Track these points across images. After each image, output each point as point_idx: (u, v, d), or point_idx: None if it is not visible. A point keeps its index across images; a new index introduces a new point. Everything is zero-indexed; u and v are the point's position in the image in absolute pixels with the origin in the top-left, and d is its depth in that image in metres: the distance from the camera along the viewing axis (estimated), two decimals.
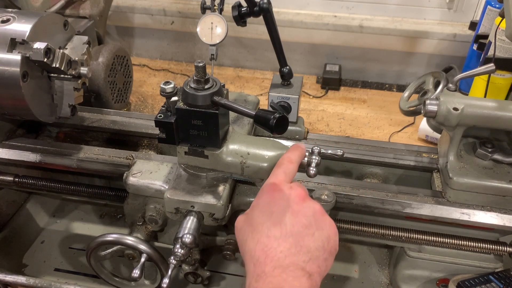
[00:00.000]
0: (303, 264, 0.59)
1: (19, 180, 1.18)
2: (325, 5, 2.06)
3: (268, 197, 0.67)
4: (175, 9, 2.14)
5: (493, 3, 1.68)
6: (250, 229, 0.64)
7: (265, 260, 0.59)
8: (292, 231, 0.62)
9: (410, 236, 1.04)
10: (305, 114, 1.89)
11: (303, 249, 0.60)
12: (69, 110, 1.05)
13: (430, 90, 1.09)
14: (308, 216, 0.64)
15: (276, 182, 0.69)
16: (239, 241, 0.67)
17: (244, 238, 0.65)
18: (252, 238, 0.63)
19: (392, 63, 2.08)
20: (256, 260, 0.60)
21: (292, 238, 0.61)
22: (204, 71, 0.78)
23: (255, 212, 0.66)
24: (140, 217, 1.06)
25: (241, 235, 0.66)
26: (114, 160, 1.10)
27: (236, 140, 0.89)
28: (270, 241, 0.61)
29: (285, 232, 0.62)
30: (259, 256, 0.60)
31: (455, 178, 0.99)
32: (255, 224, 0.64)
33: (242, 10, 1.09)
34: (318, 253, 0.61)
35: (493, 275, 1.03)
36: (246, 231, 0.65)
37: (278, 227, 0.62)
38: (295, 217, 0.63)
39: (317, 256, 0.61)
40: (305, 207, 0.65)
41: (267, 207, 0.65)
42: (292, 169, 0.74)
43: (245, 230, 0.65)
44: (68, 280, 1.22)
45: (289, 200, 0.66)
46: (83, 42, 1.03)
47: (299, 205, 0.65)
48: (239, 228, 0.68)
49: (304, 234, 0.62)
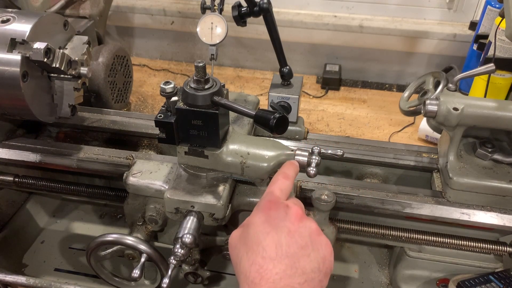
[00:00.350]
0: (298, 287, 0.58)
1: (19, 180, 1.18)
2: (325, 5, 2.06)
3: (264, 216, 0.65)
4: (175, 9, 2.14)
5: (493, 3, 1.68)
6: (245, 249, 0.63)
7: (260, 282, 0.58)
8: (288, 252, 0.61)
9: (410, 236, 1.04)
10: (305, 114, 1.89)
11: (299, 271, 0.59)
12: (69, 110, 1.05)
13: (430, 90, 1.09)
14: (304, 236, 0.63)
15: (272, 200, 0.68)
16: (233, 259, 0.66)
17: (239, 257, 0.63)
18: (248, 259, 0.61)
19: (392, 63, 2.08)
20: (250, 281, 0.58)
21: (288, 259, 0.60)
22: (204, 71, 0.78)
23: (251, 231, 0.64)
24: (140, 217, 1.06)
25: (236, 254, 0.65)
26: (114, 160, 1.10)
27: (236, 140, 0.89)
28: (266, 262, 0.59)
29: (280, 253, 0.60)
30: (254, 277, 0.58)
31: (455, 178, 0.99)
32: (250, 244, 0.63)
33: (242, 10, 1.09)
34: (314, 275, 0.60)
35: (493, 275, 1.03)
36: (241, 250, 0.64)
37: (273, 247, 0.61)
38: (291, 238, 0.62)
39: (313, 278, 0.60)
40: (301, 227, 0.64)
41: (263, 226, 0.64)
42: (288, 185, 0.73)
43: (240, 249, 0.64)
44: (68, 280, 1.22)
45: (285, 219, 0.65)
46: (83, 42, 1.03)
47: (295, 225, 0.64)
48: (234, 246, 0.66)
49: (300, 255, 0.61)
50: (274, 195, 0.69)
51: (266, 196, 0.70)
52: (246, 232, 0.65)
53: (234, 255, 0.65)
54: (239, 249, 0.64)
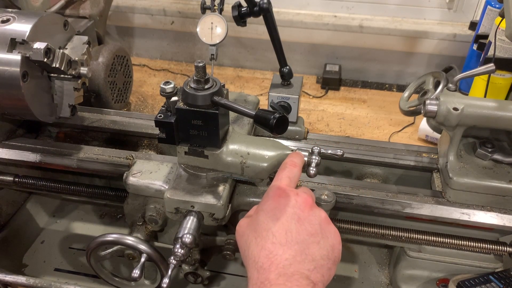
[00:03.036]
0: (308, 273, 0.58)
1: (19, 180, 1.18)
2: (325, 5, 2.06)
3: (274, 203, 0.65)
4: (175, 9, 2.14)
5: (493, 3, 1.68)
6: (254, 235, 0.63)
7: (269, 267, 0.58)
8: (298, 238, 0.61)
9: (410, 236, 1.04)
10: (305, 114, 1.89)
11: (308, 257, 0.60)
12: (69, 110, 1.05)
13: (430, 90, 1.09)
14: (314, 224, 0.63)
15: (282, 187, 0.68)
16: (241, 246, 0.65)
17: (248, 243, 0.63)
18: (257, 244, 0.61)
19: (392, 63, 2.08)
20: (260, 266, 0.59)
21: (298, 245, 0.60)
22: (204, 71, 0.78)
23: (260, 217, 0.64)
24: (140, 217, 1.06)
25: (244, 240, 0.65)
26: (114, 160, 1.10)
27: (236, 140, 0.89)
28: (275, 247, 0.59)
29: (290, 239, 0.60)
30: (263, 262, 0.58)
31: (455, 178, 0.99)
32: (260, 230, 0.62)
33: (242, 10, 1.09)
34: (323, 262, 0.61)
35: (493, 275, 1.03)
36: (249, 236, 0.63)
37: (283, 233, 0.61)
38: (301, 225, 0.62)
39: (322, 265, 0.60)
40: (311, 215, 0.64)
41: (273, 213, 0.64)
42: (296, 173, 0.73)
43: (249, 235, 0.64)
44: (68, 280, 1.22)
45: (295, 206, 0.64)
46: (83, 42, 1.03)
47: (305, 212, 0.64)
48: (242, 233, 0.66)
49: (310, 242, 0.61)
50: (283, 182, 0.69)
51: (275, 182, 0.69)
52: (255, 219, 0.65)
53: (242, 242, 0.65)
54: (248, 236, 0.64)
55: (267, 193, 0.68)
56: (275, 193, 0.67)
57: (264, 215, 0.64)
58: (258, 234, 0.62)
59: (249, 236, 0.63)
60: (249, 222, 0.66)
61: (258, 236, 0.62)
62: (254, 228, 0.64)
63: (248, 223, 0.66)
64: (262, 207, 0.66)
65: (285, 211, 0.64)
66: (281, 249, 0.59)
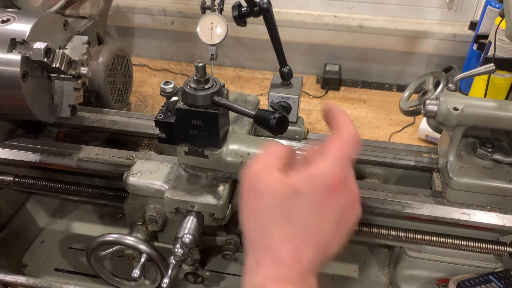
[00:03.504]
0: (321, 266, 0.53)
1: (19, 180, 1.18)
2: (325, 5, 2.06)
3: (323, 197, 0.53)
4: (175, 9, 2.14)
5: (493, 3, 1.68)
6: (282, 217, 0.52)
7: (291, 266, 0.51)
8: (324, 239, 0.53)
9: (410, 236, 1.04)
10: (305, 114, 1.89)
11: (326, 254, 0.54)
12: (69, 110, 1.05)
13: (430, 90, 1.09)
14: (348, 224, 0.56)
15: (340, 176, 0.54)
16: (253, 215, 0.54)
17: (268, 221, 0.53)
18: (282, 231, 0.52)
19: (392, 63, 2.08)
20: (278, 258, 0.51)
21: (322, 245, 0.53)
22: (204, 71, 0.78)
23: (299, 204, 0.52)
24: (140, 217, 1.06)
25: (262, 212, 0.53)
26: (114, 160, 1.10)
27: (236, 140, 0.89)
28: (303, 246, 0.52)
29: (320, 239, 0.53)
30: (285, 257, 0.51)
31: (455, 178, 0.99)
32: (293, 218, 0.52)
33: (242, 10, 1.09)
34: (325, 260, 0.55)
35: (493, 275, 1.03)
36: (274, 215, 0.52)
37: (315, 234, 0.53)
38: (336, 228, 0.54)
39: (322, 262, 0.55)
40: (349, 217, 0.56)
41: (317, 208, 0.53)
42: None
43: (273, 213, 0.52)
44: (68, 280, 1.22)
45: (342, 209, 0.54)
46: (83, 42, 1.03)
47: (348, 214, 0.56)
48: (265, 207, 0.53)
49: (332, 241, 0.55)
50: (339, 171, 0.54)
51: (331, 169, 0.54)
52: (290, 201, 0.52)
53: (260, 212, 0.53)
54: (272, 213, 0.53)
55: (320, 178, 0.53)
56: (331, 183, 0.53)
57: (304, 204, 0.52)
58: (288, 221, 0.52)
59: (274, 215, 0.52)
60: (279, 198, 0.53)
61: (287, 222, 0.52)
62: (283, 208, 0.52)
63: (278, 199, 0.53)
64: (307, 192, 0.52)
65: (330, 213, 0.54)
66: (308, 248, 0.52)
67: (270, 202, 0.53)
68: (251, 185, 0.55)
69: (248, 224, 0.55)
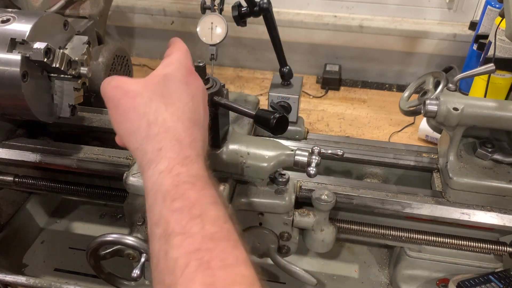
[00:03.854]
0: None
1: (19, 180, 1.18)
2: (325, 5, 2.06)
3: (186, 77, 0.61)
4: (175, 9, 2.14)
5: (493, 3, 1.68)
6: (163, 100, 0.56)
7: (190, 144, 0.54)
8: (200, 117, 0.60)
9: (410, 236, 1.04)
10: (305, 114, 1.89)
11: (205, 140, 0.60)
12: (69, 110, 1.05)
13: (430, 90, 1.09)
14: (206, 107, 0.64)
15: (190, 68, 0.64)
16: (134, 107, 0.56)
17: (154, 109, 0.55)
18: (169, 112, 0.56)
19: (392, 63, 2.08)
20: (177, 140, 0.54)
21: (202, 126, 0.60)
22: (204, 71, 0.78)
23: (168, 82, 0.58)
24: (140, 217, 1.06)
25: (143, 102, 0.56)
26: (114, 160, 1.10)
27: (236, 140, 0.89)
28: (191, 124, 0.57)
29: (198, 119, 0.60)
30: (182, 137, 0.54)
31: (455, 178, 0.99)
32: (172, 97, 0.57)
33: (242, 10, 1.09)
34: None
35: (493, 275, 1.03)
36: (156, 101, 0.56)
37: (194, 113, 0.59)
38: (204, 108, 0.62)
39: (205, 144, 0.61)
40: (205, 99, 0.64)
41: (184, 85, 0.60)
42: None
43: (155, 99, 0.56)
44: (68, 280, 1.22)
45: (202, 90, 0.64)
46: (83, 42, 1.03)
47: (205, 97, 0.64)
48: (138, 93, 0.57)
49: (204, 123, 0.61)
50: (189, 63, 0.64)
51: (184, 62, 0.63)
52: (163, 84, 0.58)
53: (138, 103, 0.56)
54: (155, 101, 0.56)
55: (177, 62, 0.62)
56: (188, 66, 0.63)
57: (177, 84, 0.59)
58: (171, 103, 0.56)
59: (156, 102, 0.56)
60: (154, 86, 0.58)
61: (170, 104, 0.56)
62: (163, 94, 0.57)
63: (154, 87, 0.58)
64: (173, 73, 0.60)
65: (197, 92, 0.61)
66: (196, 127, 0.57)
67: (147, 93, 0.56)
68: (119, 92, 0.58)
69: (131, 128, 0.56)
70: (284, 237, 0.98)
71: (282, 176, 0.92)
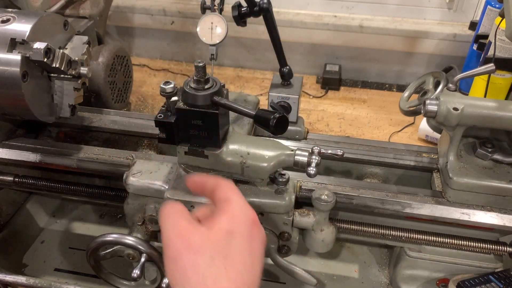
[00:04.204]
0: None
1: (19, 180, 1.18)
2: (325, 5, 2.06)
3: (252, 232, 0.57)
4: (175, 9, 2.14)
5: (493, 3, 1.68)
6: (224, 263, 0.52)
7: None
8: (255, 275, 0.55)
9: (410, 236, 1.04)
10: (305, 114, 1.89)
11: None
12: (69, 110, 1.05)
13: (430, 90, 1.09)
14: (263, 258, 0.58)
15: (255, 219, 0.58)
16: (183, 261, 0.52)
17: (204, 265, 0.51)
18: (228, 278, 0.51)
19: (392, 63, 2.08)
20: None
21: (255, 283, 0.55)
22: (204, 71, 0.78)
23: (234, 243, 0.54)
24: (140, 217, 1.06)
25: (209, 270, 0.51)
26: (114, 160, 1.10)
27: (236, 140, 0.89)
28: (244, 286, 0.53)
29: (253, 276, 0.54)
30: None
31: (455, 178, 0.99)
32: (232, 257, 0.53)
33: (242, 10, 1.09)
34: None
35: (493, 275, 1.03)
36: (212, 258, 0.52)
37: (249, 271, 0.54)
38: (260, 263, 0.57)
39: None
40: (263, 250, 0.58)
41: (249, 243, 0.55)
42: None
43: (215, 262, 0.52)
44: (68, 280, 1.22)
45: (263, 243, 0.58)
46: (83, 42, 1.03)
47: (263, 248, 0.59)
48: (197, 247, 0.52)
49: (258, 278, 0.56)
50: (252, 213, 0.59)
51: (248, 211, 0.59)
52: (227, 240, 0.54)
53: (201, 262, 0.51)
54: (215, 265, 0.52)
55: (243, 214, 0.57)
56: (253, 217, 0.58)
57: (240, 243, 0.54)
58: (229, 263, 0.52)
59: (218, 262, 0.52)
60: (216, 240, 0.53)
61: (228, 264, 0.52)
62: (224, 255, 0.52)
63: (216, 241, 0.53)
64: (240, 230, 0.55)
65: (259, 247, 0.56)
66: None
67: (210, 251, 0.52)
68: (182, 244, 0.53)
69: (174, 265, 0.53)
70: (284, 237, 0.98)
71: (282, 176, 0.92)
